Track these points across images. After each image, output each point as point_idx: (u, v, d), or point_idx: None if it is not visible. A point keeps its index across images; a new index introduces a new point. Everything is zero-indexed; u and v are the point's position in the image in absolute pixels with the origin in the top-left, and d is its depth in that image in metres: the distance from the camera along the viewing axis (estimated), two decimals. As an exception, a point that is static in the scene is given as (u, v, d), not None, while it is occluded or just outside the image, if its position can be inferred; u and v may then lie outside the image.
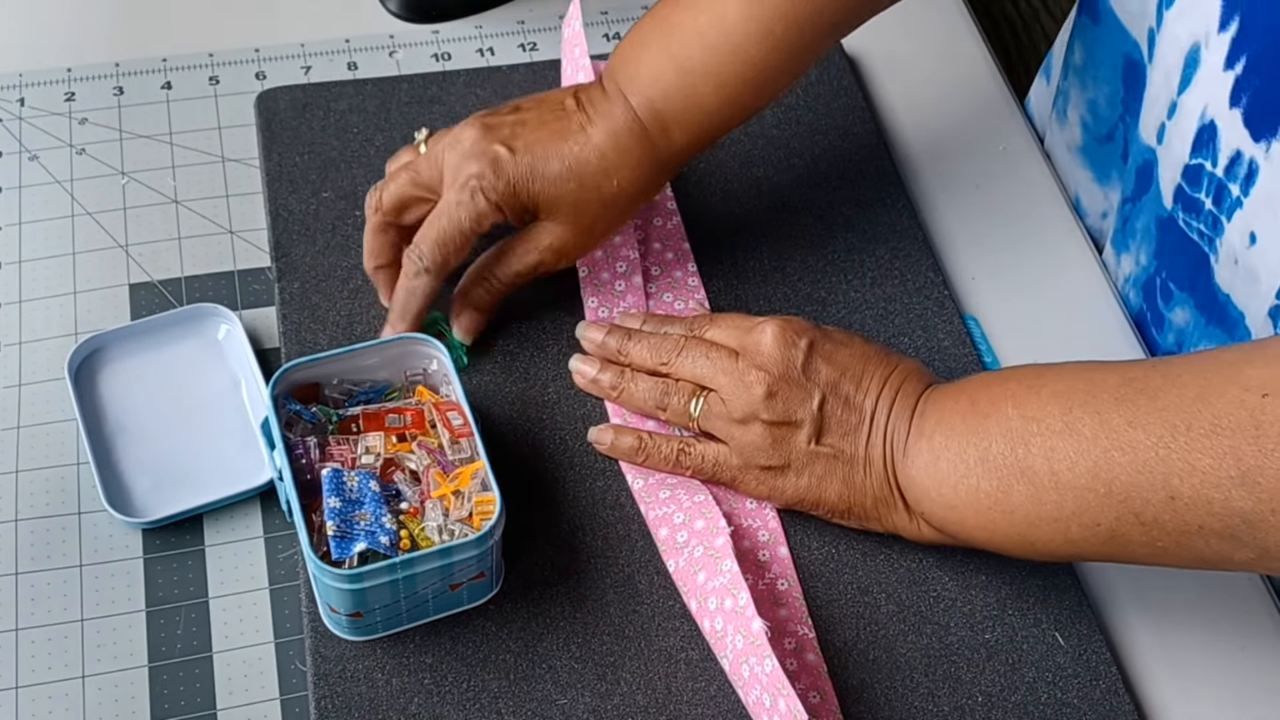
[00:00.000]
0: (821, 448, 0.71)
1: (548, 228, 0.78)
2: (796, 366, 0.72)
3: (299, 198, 0.87)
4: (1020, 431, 0.65)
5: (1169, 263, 0.82)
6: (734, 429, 0.73)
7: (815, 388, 0.71)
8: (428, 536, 0.68)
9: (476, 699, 0.68)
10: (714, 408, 0.74)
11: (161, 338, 0.80)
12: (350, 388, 0.74)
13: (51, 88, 0.93)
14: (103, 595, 0.71)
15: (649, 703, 0.69)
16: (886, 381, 0.72)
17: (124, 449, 0.76)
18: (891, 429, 0.71)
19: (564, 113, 0.78)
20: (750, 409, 0.72)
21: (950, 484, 0.67)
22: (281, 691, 0.69)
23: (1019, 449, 0.65)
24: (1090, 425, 0.62)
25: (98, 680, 0.69)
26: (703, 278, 0.86)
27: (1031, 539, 0.66)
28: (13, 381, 0.79)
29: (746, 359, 0.73)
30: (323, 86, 0.93)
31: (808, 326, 0.73)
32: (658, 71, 0.77)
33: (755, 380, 0.72)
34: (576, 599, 0.72)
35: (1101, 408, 0.62)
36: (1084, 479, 0.62)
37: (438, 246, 0.76)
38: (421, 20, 1.00)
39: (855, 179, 0.92)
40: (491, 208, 0.76)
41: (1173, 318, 0.83)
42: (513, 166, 0.75)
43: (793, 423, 0.71)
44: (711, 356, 0.74)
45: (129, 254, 0.85)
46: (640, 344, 0.77)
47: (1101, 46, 0.86)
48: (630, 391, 0.77)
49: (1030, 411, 0.65)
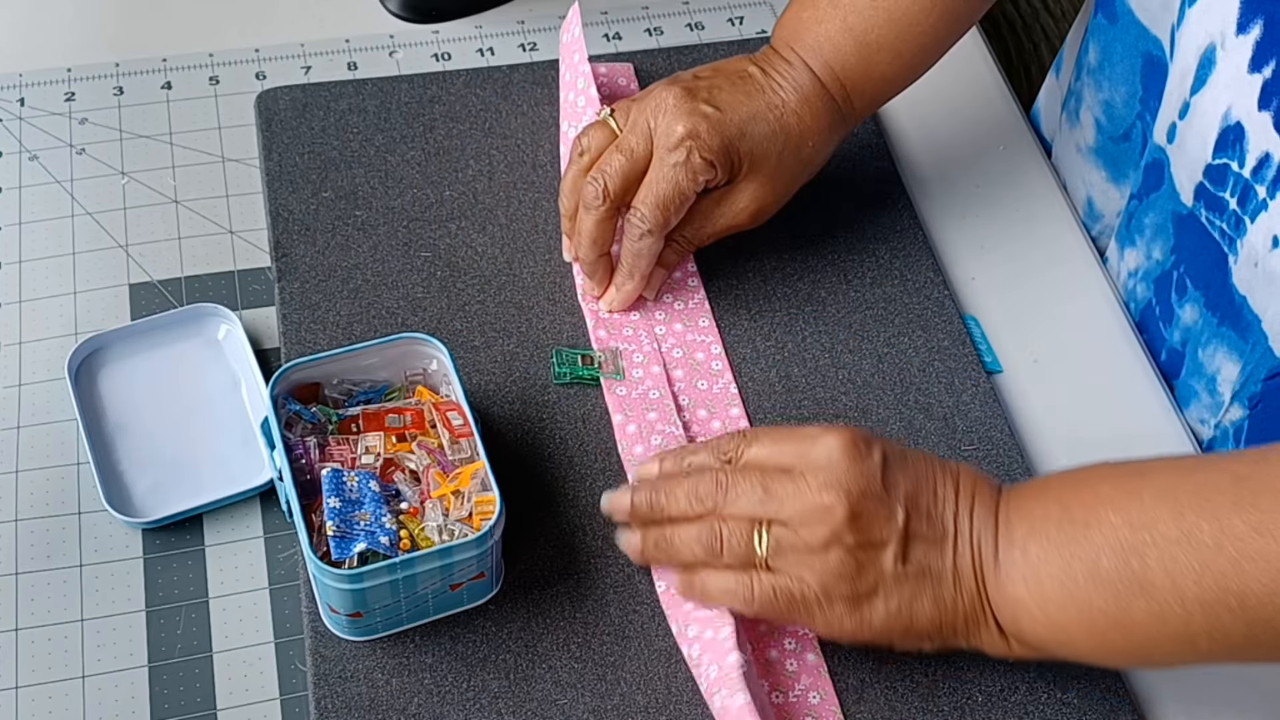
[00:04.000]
0: (909, 566, 0.64)
1: (747, 189, 0.79)
2: (877, 481, 0.65)
3: (299, 198, 0.87)
4: (1131, 542, 0.60)
5: (1187, 257, 0.81)
6: (812, 559, 0.65)
7: (897, 503, 0.65)
8: (428, 536, 0.68)
9: (476, 699, 0.68)
10: (784, 540, 0.65)
11: (161, 338, 0.80)
12: (350, 388, 0.74)
13: (51, 88, 0.93)
14: (103, 595, 0.71)
15: (649, 703, 0.69)
16: (959, 489, 0.66)
17: (124, 449, 0.76)
18: (977, 539, 0.65)
19: (750, 78, 0.80)
20: (831, 534, 0.64)
21: (1057, 603, 0.62)
22: (281, 691, 0.69)
23: (1134, 561, 0.59)
24: (1210, 533, 0.58)
25: (98, 680, 0.69)
26: (703, 278, 0.86)
27: (1152, 654, 0.62)
28: (13, 381, 0.79)
29: (815, 478, 0.65)
30: (323, 86, 0.93)
31: (871, 435, 0.67)
32: (837, 43, 0.80)
33: (834, 502, 0.64)
34: (576, 599, 0.72)
35: (1218, 512, 0.58)
36: (1213, 592, 0.58)
37: (658, 209, 0.77)
38: (421, 20, 1.00)
39: (855, 179, 0.92)
40: (706, 165, 0.76)
41: (1182, 314, 0.82)
42: (724, 125, 0.77)
43: (878, 543, 0.64)
44: (769, 485, 0.66)
45: (129, 254, 0.85)
46: (675, 492, 0.68)
47: (1119, 46, 0.86)
48: (674, 546, 0.68)
49: (1137, 519, 0.60)
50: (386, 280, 0.84)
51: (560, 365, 0.80)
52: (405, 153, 0.90)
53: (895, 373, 0.82)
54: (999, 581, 0.64)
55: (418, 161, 0.90)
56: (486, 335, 0.82)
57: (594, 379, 0.80)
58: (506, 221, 0.87)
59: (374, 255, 0.85)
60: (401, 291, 0.83)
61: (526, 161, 0.91)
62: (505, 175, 0.90)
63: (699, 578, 0.68)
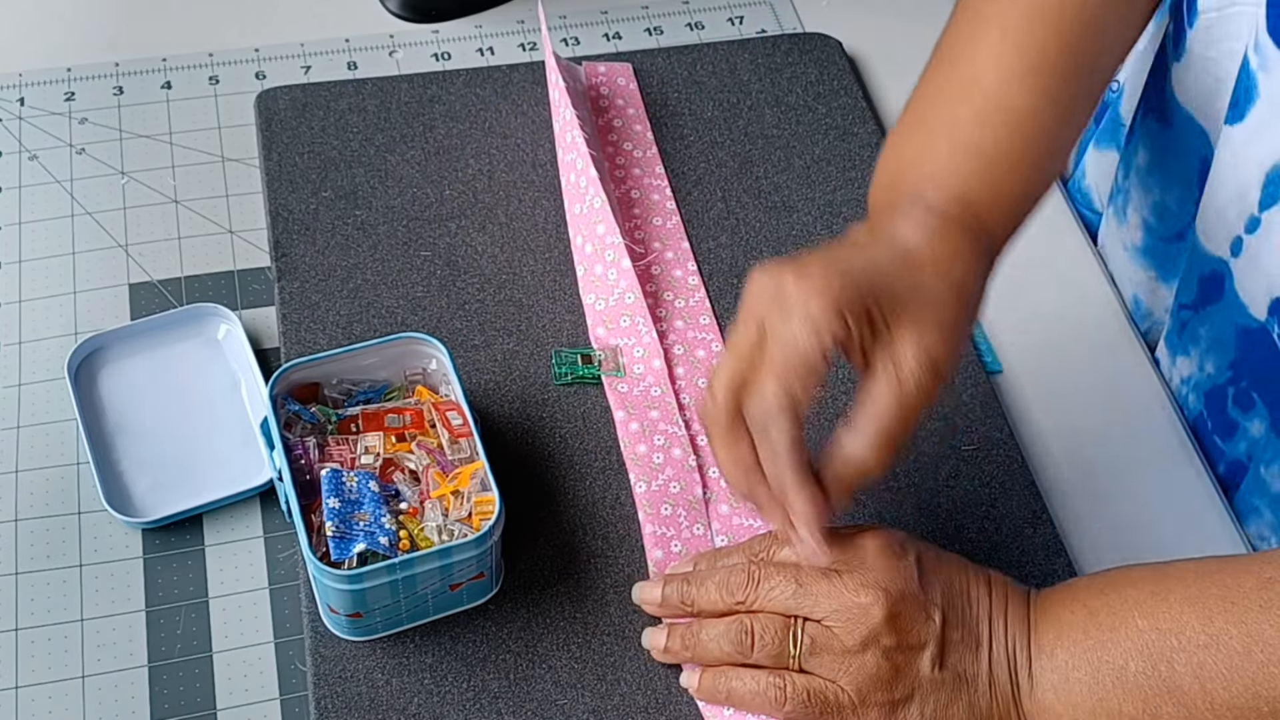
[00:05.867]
0: (945, 672, 0.63)
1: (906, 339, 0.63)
2: (914, 582, 0.63)
3: (299, 198, 0.87)
4: (1158, 646, 0.59)
5: (1251, 373, 0.77)
6: (848, 661, 0.63)
7: (934, 606, 0.63)
8: (427, 537, 0.68)
9: (476, 699, 0.68)
10: (819, 639, 0.63)
11: (161, 338, 0.80)
12: (350, 388, 0.74)
13: (51, 88, 0.93)
14: (103, 595, 0.71)
15: (649, 703, 0.69)
16: (992, 595, 0.65)
17: (124, 449, 0.76)
18: (1011, 645, 0.64)
19: None
20: (869, 634, 0.62)
21: (1087, 709, 0.61)
22: (281, 691, 0.69)
23: (1161, 666, 0.59)
24: (1238, 638, 0.57)
25: (98, 680, 0.69)
26: (703, 277, 0.86)
27: None
28: (13, 381, 0.79)
29: (851, 578, 0.63)
30: (323, 86, 0.93)
31: (908, 537, 0.65)
32: (954, 165, 0.68)
33: (872, 601, 0.62)
34: (576, 599, 0.72)
35: (1246, 617, 0.58)
36: (1242, 697, 0.57)
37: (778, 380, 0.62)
38: (421, 20, 1.00)
39: (855, 179, 0.92)
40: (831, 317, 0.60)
41: (1250, 427, 0.78)
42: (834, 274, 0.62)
43: (916, 645, 0.63)
44: (803, 581, 0.64)
45: (129, 254, 0.85)
46: (705, 585, 0.66)
47: (1173, 150, 0.82)
48: (702, 642, 0.66)
49: (1164, 623, 0.60)
50: (386, 280, 0.84)
51: (560, 365, 0.80)
52: (405, 152, 0.90)
53: (895, 372, 0.82)
54: (1031, 689, 0.63)
55: (418, 161, 0.90)
56: (486, 335, 0.82)
57: (594, 378, 0.80)
58: (506, 221, 0.87)
59: (374, 255, 0.85)
60: (401, 291, 0.83)
61: (526, 161, 0.91)
62: (505, 175, 0.90)
63: (725, 677, 0.66)
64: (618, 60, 0.97)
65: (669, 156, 0.92)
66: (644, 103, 0.94)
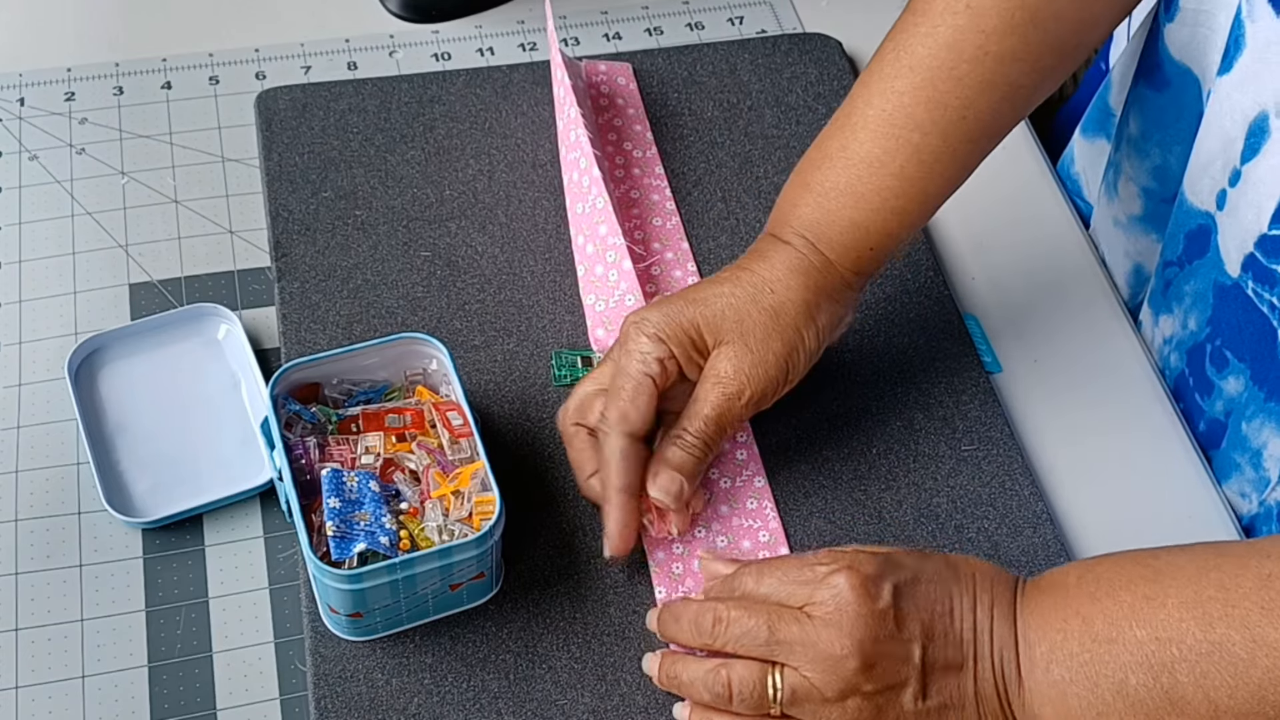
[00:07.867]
0: (929, 702, 0.63)
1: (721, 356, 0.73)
2: (889, 623, 0.62)
3: (299, 197, 0.87)
4: (1159, 657, 0.58)
5: (1226, 330, 0.77)
6: (830, 709, 0.63)
7: (914, 641, 0.62)
8: (427, 537, 0.68)
9: (476, 699, 0.68)
10: (799, 688, 0.63)
11: (161, 338, 0.80)
12: (350, 388, 0.74)
13: (51, 88, 0.93)
14: (103, 595, 0.71)
15: (649, 703, 0.69)
16: (976, 599, 0.64)
17: (124, 449, 0.76)
18: (999, 659, 0.63)
19: None
20: (847, 686, 0.62)
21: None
22: (281, 691, 0.69)
23: (1163, 678, 0.58)
24: (1241, 644, 0.56)
25: (98, 680, 0.69)
26: (703, 278, 0.85)
27: None
28: (13, 381, 0.79)
29: (827, 625, 0.63)
30: (323, 86, 0.93)
31: (880, 566, 0.64)
32: (797, 203, 0.75)
33: (847, 654, 0.62)
34: (576, 599, 0.72)
35: (1248, 620, 0.56)
36: (1248, 704, 0.56)
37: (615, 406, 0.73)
38: (421, 20, 1.00)
39: (855, 179, 0.92)
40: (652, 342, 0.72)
41: (1224, 386, 0.79)
42: (670, 305, 0.74)
43: (896, 685, 0.62)
44: (774, 626, 0.63)
45: (129, 254, 0.85)
46: (680, 622, 0.67)
47: (1172, 110, 0.82)
48: (682, 682, 0.67)
49: (1163, 632, 0.58)
50: (386, 280, 0.84)
51: (560, 368, 0.80)
52: (405, 153, 0.90)
53: (895, 373, 0.82)
54: (1023, 704, 0.62)
55: (418, 161, 0.90)
56: (486, 335, 0.82)
57: None
58: (506, 221, 0.87)
59: (374, 255, 0.85)
60: (401, 291, 0.83)
61: (526, 161, 0.91)
62: (505, 175, 0.90)
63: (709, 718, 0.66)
64: (618, 60, 0.97)
65: (669, 156, 0.92)
66: (644, 103, 0.95)
